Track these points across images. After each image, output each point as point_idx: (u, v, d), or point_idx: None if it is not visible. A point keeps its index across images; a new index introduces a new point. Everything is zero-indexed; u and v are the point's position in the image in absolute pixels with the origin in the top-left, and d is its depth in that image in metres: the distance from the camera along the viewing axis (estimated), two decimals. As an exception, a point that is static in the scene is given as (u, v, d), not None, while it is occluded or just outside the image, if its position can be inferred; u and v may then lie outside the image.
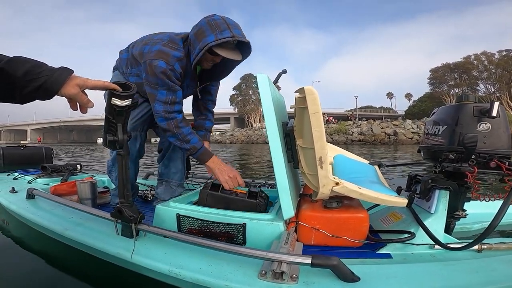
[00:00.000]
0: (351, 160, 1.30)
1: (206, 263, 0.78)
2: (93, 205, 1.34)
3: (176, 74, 1.11)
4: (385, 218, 1.10)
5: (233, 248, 0.75)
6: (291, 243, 0.81)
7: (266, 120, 0.89)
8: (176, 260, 0.81)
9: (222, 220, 0.95)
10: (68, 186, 1.43)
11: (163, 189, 1.44)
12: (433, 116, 1.04)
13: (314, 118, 0.75)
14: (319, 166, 0.79)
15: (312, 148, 0.80)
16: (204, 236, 0.97)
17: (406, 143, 18.70)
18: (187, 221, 1.00)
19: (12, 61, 0.57)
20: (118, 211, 0.90)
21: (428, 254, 0.88)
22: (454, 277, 0.71)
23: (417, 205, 1.03)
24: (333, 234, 0.92)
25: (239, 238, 0.94)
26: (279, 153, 0.89)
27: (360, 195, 0.83)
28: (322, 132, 0.76)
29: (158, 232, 0.88)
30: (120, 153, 0.86)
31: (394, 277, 0.71)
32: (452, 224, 1.02)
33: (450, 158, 0.91)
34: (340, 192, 0.82)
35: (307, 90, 0.74)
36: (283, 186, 0.89)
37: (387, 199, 0.85)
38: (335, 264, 0.67)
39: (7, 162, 2.18)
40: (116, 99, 0.75)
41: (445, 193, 0.94)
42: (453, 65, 36.56)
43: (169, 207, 1.05)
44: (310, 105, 0.74)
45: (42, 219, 1.17)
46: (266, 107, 0.89)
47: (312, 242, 0.96)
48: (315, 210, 0.97)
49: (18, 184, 1.71)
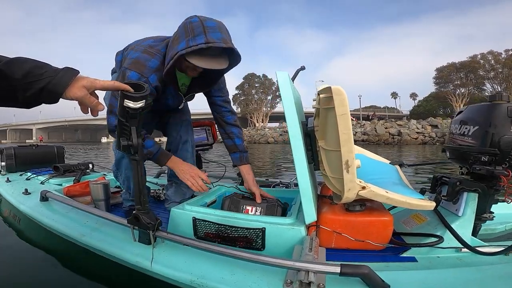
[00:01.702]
0: (372, 160, 1.26)
1: (229, 272, 0.75)
2: (106, 206, 1.32)
3: (150, 87, 0.97)
4: (408, 220, 1.07)
5: (259, 258, 0.72)
6: (315, 250, 0.78)
7: (288, 121, 0.86)
8: (197, 269, 0.78)
9: (240, 224, 0.92)
10: (81, 186, 1.42)
11: (173, 190, 1.41)
12: (461, 115, 0.99)
13: (342, 120, 0.71)
14: (345, 170, 0.75)
15: (337, 151, 0.77)
16: (222, 240, 0.95)
17: (411, 144, 18.51)
18: (204, 225, 0.97)
19: (11, 62, 0.53)
20: (135, 218, 0.87)
21: (454, 257, 0.85)
22: (487, 282, 0.68)
23: (443, 207, 1.00)
24: (356, 238, 0.89)
25: (258, 243, 0.91)
26: (302, 156, 0.86)
27: (387, 199, 0.80)
28: (350, 135, 0.73)
29: (178, 240, 0.85)
30: (135, 158, 0.81)
31: (423, 283, 0.68)
32: (478, 227, 0.98)
33: (482, 160, 0.87)
34: (366, 196, 0.79)
35: (335, 90, 0.71)
36: (305, 190, 0.86)
37: (415, 203, 0.82)
38: (366, 273, 0.64)
39: (20, 162, 2.17)
40: (129, 101, 0.69)
41: (474, 195, 0.91)
42: (459, 65, 36.15)
43: (185, 210, 1.02)
44: (338, 106, 0.71)
45: (57, 224, 1.16)
46: (288, 107, 0.86)
47: (332, 245, 0.93)
48: (337, 213, 0.93)
49: (31, 185, 1.71)
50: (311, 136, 0.95)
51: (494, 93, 0.89)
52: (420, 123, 21.90)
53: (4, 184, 1.82)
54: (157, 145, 1.11)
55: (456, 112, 1.05)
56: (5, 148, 2.19)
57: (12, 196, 1.56)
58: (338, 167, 0.78)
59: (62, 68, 0.58)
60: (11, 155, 2.15)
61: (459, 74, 36.41)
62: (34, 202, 1.39)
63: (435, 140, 18.69)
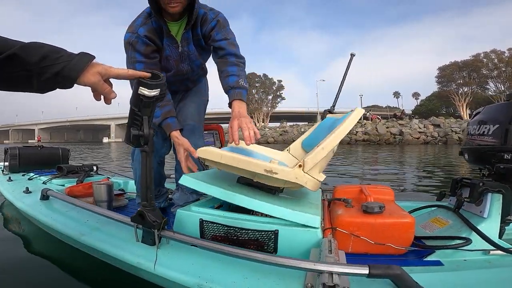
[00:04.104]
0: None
1: (241, 276, 0.70)
2: (108, 208, 1.28)
3: (141, 39, 1.08)
4: (427, 224, 1.02)
5: (276, 260, 0.66)
6: (335, 252, 0.73)
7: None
8: (206, 272, 0.73)
9: (251, 226, 0.87)
10: (84, 187, 1.38)
11: (178, 195, 1.38)
12: (478, 116, 0.99)
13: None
14: (272, 175, 0.79)
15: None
16: (230, 243, 0.89)
17: (412, 143, 18.37)
18: (212, 227, 0.92)
19: (27, 47, 0.52)
20: (139, 215, 0.82)
21: (483, 260, 0.81)
22: None
23: (465, 210, 0.95)
24: (376, 241, 0.84)
25: (270, 246, 0.86)
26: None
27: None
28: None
29: (185, 240, 0.80)
30: (145, 150, 0.78)
31: (453, 286, 0.64)
32: (503, 230, 0.94)
33: (506, 158, 0.86)
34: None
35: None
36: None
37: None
38: (398, 274, 0.59)
39: (23, 162, 2.15)
40: (144, 88, 0.68)
41: (499, 196, 0.88)
42: (462, 63, 35.94)
43: (191, 211, 0.97)
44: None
45: (56, 222, 1.11)
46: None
47: (349, 250, 0.88)
48: (354, 216, 0.88)
49: (33, 184, 1.68)
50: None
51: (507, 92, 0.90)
52: (422, 122, 21.77)
53: (5, 183, 1.79)
54: (165, 115, 1.13)
55: (474, 113, 1.06)
56: (9, 148, 2.17)
57: (12, 195, 1.53)
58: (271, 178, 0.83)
59: (77, 53, 0.57)
60: (15, 155, 2.12)
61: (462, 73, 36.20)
62: (34, 200, 1.35)
63: (437, 140, 18.59)
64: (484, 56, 34.88)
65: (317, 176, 0.81)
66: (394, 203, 1.06)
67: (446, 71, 37.24)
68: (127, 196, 1.67)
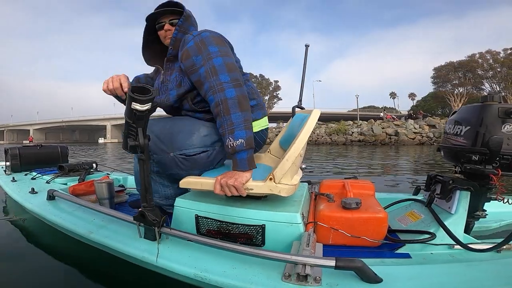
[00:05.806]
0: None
1: (230, 266, 0.79)
2: (110, 205, 1.36)
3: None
4: (403, 217, 1.10)
5: (259, 252, 0.76)
6: (312, 245, 0.82)
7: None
8: (200, 264, 0.82)
9: (241, 221, 0.96)
10: (86, 186, 1.45)
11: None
12: (455, 116, 1.02)
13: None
14: (249, 192, 0.89)
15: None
16: (223, 237, 0.98)
17: (408, 144, 18.42)
18: (206, 222, 1.01)
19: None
20: (141, 215, 0.91)
21: (447, 254, 0.89)
22: (478, 278, 0.71)
23: (437, 205, 1.03)
24: (352, 234, 0.93)
25: (258, 239, 0.95)
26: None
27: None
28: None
29: (181, 235, 0.89)
30: (141, 158, 0.86)
31: (416, 278, 0.71)
32: (471, 224, 1.02)
33: (473, 160, 0.90)
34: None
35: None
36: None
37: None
38: (360, 266, 0.68)
39: (24, 162, 2.20)
40: (136, 103, 0.75)
41: (466, 193, 0.95)
42: (457, 64, 36.12)
43: (188, 208, 1.06)
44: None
45: (65, 222, 1.19)
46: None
47: (330, 242, 0.97)
48: (334, 211, 0.97)
49: (37, 184, 1.74)
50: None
51: (491, 93, 0.91)
52: (417, 123, 21.89)
53: (10, 183, 1.84)
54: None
55: (452, 111, 1.08)
56: (10, 148, 2.22)
57: (19, 195, 1.58)
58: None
59: None
60: (16, 155, 2.17)
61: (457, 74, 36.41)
62: (41, 201, 1.42)
63: (432, 141, 18.62)
64: (480, 57, 35.05)
65: (290, 182, 0.91)
66: (374, 197, 1.15)
67: (441, 71, 37.39)
68: (127, 192, 1.74)
